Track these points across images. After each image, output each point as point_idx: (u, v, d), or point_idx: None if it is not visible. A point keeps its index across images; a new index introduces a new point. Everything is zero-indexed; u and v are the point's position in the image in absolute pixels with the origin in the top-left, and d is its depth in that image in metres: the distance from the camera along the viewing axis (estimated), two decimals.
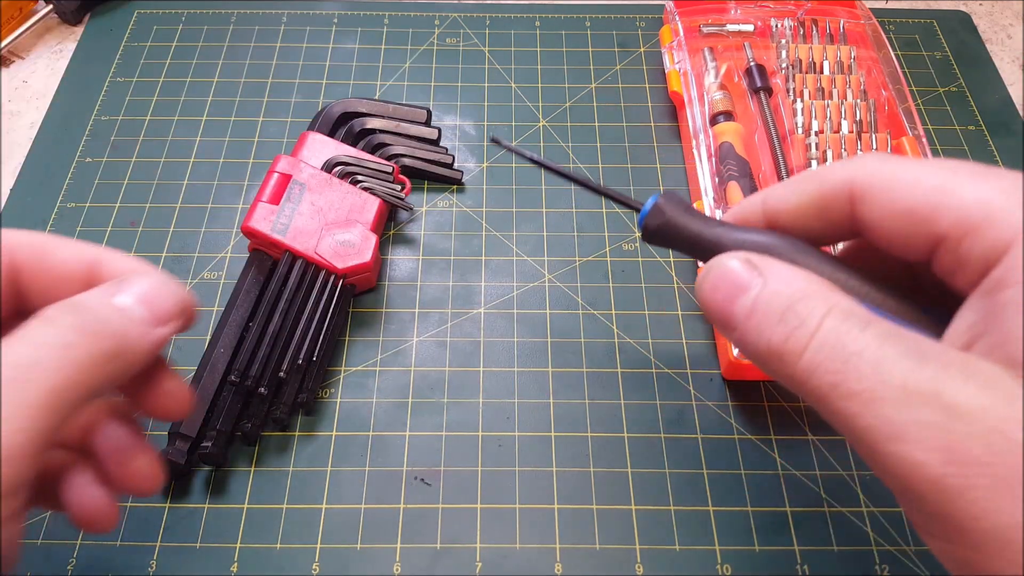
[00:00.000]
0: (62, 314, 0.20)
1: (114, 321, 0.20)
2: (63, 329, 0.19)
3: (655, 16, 0.54)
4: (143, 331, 0.21)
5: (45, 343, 0.19)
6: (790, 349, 0.19)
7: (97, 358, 0.19)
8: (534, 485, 0.35)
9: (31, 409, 0.18)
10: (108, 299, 0.21)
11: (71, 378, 0.19)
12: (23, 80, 0.51)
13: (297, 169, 0.41)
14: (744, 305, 0.21)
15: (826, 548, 0.34)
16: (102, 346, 0.20)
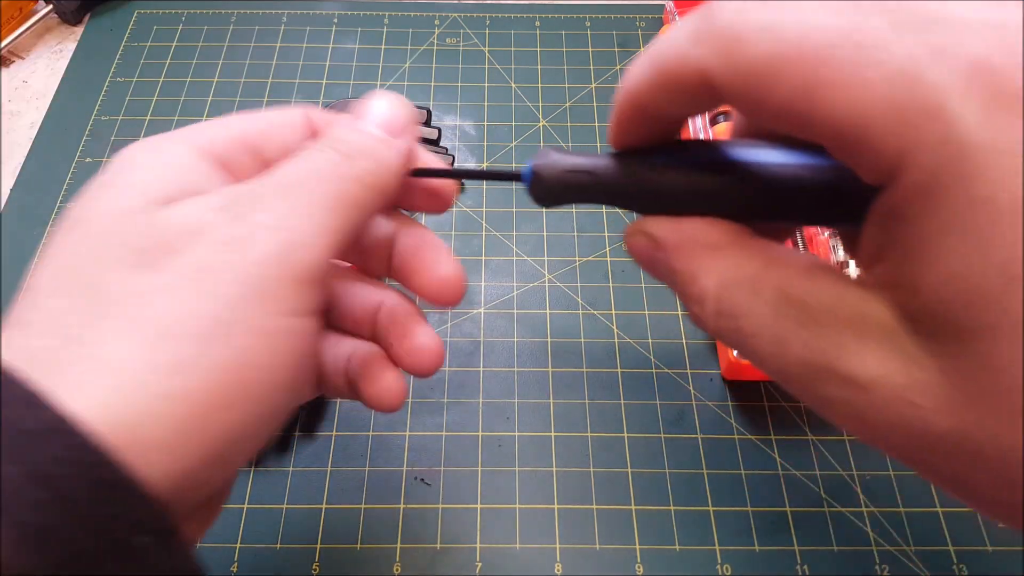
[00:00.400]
0: (323, 144, 0.21)
1: (365, 142, 0.22)
2: (327, 152, 0.21)
3: (655, 16, 0.54)
4: (386, 144, 0.23)
5: (316, 161, 0.21)
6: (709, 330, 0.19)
7: (362, 172, 0.21)
8: (534, 485, 0.35)
9: (317, 206, 0.20)
10: (353, 128, 0.22)
11: (347, 189, 0.21)
12: (23, 80, 0.51)
13: None
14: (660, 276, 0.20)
15: (826, 548, 0.34)
16: (363, 163, 0.21)
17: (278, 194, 0.20)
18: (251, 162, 0.23)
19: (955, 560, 0.33)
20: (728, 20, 0.16)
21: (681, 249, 0.19)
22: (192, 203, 0.19)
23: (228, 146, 0.22)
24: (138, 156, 0.21)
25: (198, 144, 0.21)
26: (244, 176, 0.22)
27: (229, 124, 0.23)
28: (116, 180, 0.20)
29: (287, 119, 0.24)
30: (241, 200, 0.19)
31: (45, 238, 0.43)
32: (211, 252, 0.18)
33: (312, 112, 0.25)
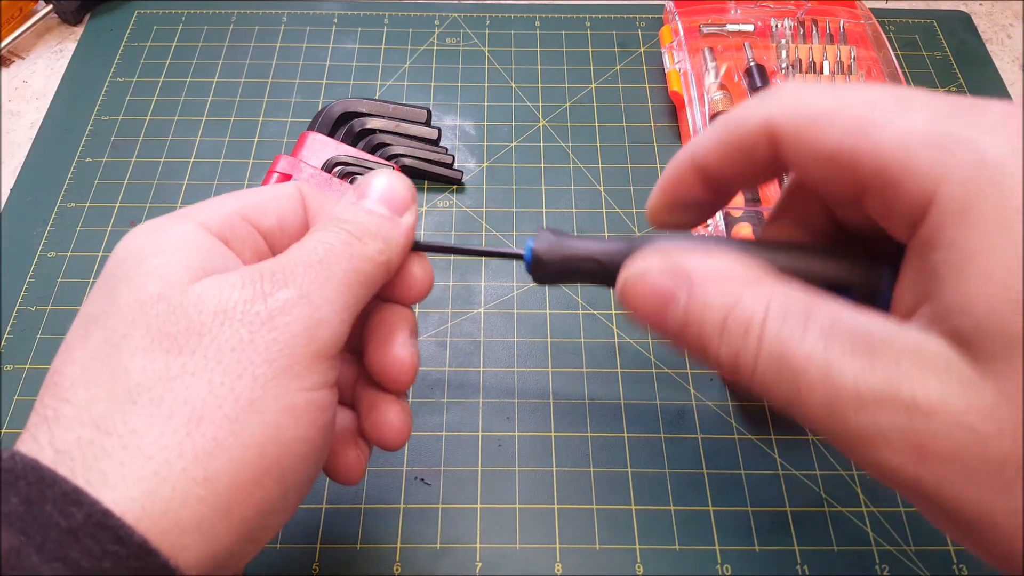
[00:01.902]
0: (331, 225, 0.22)
1: (371, 221, 0.23)
2: (340, 234, 0.22)
3: (655, 16, 0.54)
4: (392, 223, 0.24)
5: (330, 242, 0.22)
6: (741, 365, 0.18)
7: (373, 252, 0.22)
8: (534, 485, 0.35)
9: (335, 284, 0.21)
10: (360, 208, 0.23)
11: (360, 268, 0.22)
12: (23, 80, 0.51)
13: (297, 169, 0.41)
14: (675, 318, 0.19)
15: (826, 548, 0.34)
16: (373, 243, 0.23)
17: (300, 273, 0.21)
18: (250, 236, 0.23)
19: (955, 560, 0.33)
20: (792, 86, 0.20)
21: (720, 282, 0.19)
22: (215, 283, 0.20)
23: (228, 220, 0.23)
24: (146, 242, 0.21)
25: (201, 221, 0.22)
26: (246, 250, 0.23)
27: (225, 201, 0.24)
28: (131, 271, 0.20)
29: (281, 193, 0.25)
30: (265, 278, 0.20)
31: (45, 239, 0.43)
32: (240, 333, 0.19)
33: (303, 187, 0.26)
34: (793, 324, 0.17)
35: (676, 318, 0.19)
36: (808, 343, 0.17)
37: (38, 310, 0.40)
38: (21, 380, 0.38)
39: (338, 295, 0.21)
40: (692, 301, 0.19)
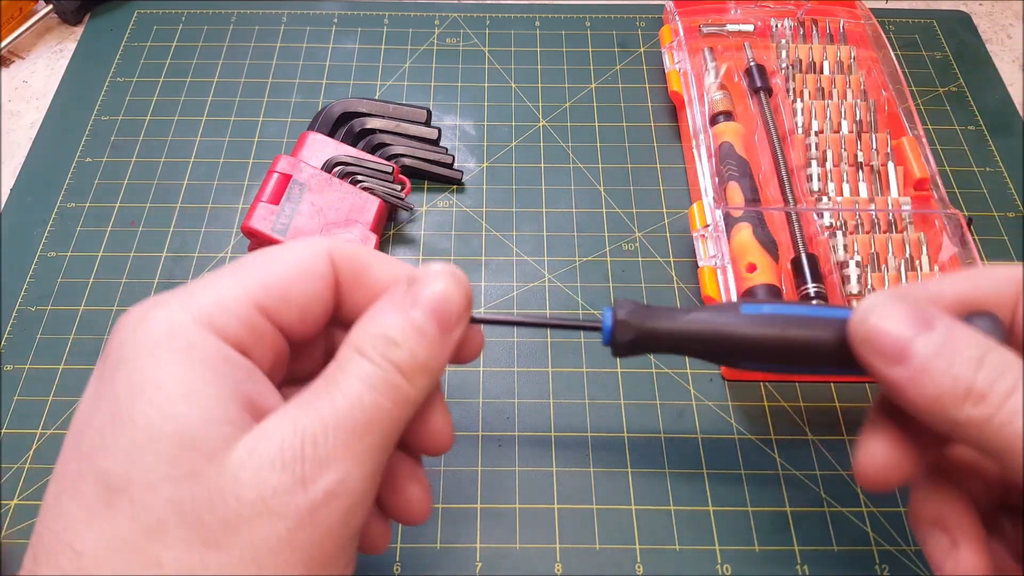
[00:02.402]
0: (378, 356, 0.21)
1: (422, 354, 0.21)
2: (387, 373, 0.20)
3: (655, 16, 0.54)
4: (441, 348, 0.22)
5: (376, 386, 0.20)
6: (997, 392, 0.19)
7: (419, 392, 0.21)
8: (534, 485, 0.35)
9: (376, 453, 0.20)
10: (409, 324, 0.21)
11: (400, 418, 0.21)
12: (23, 80, 0.51)
13: (297, 169, 0.41)
14: (929, 344, 0.20)
15: (826, 548, 0.33)
16: (419, 381, 0.21)
17: (341, 447, 0.19)
18: (270, 336, 0.22)
19: None
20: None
21: (971, 331, 0.21)
22: (253, 462, 0.18)
23: (247, 320, 0.21)
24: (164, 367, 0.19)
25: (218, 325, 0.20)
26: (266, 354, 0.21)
27: (243, 286, 0.21)
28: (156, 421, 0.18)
29: (307, 270, 0.22)
30: (302, 456, 0.19)
31: (45, 239, 0.43)
32: (279, 530, 0.18)
33: (335, 249, 0.23)
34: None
35: (927, 348, 0.20)
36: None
37: (38, 310, 0.40)
38: (21, 380, 0.38)
39: (376, 463, 0.20)
40: (952, 332, 0.20)
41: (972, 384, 0.19)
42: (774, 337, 0.24)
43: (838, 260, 0.39)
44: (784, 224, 0.40)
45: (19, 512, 0.34)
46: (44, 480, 0.35)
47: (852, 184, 0.42)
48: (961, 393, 0.19)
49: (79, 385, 0.38)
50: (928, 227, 0.40)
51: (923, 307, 0.21)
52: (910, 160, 0.42)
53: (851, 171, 0.42)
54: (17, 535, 0.34)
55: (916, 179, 0.41)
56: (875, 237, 0.39)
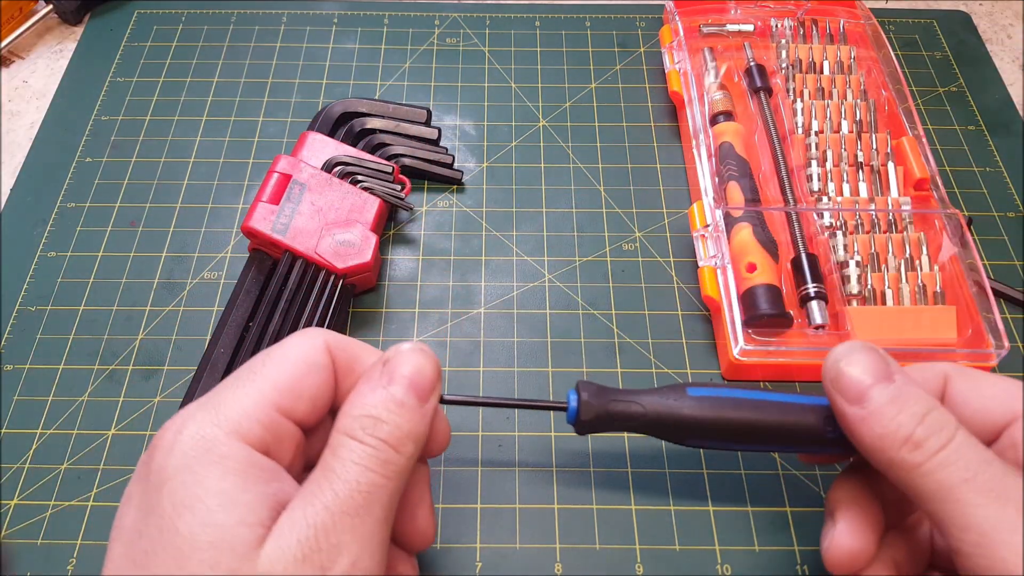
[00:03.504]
0: (367, 435, 0.23)
1: (405, 424, 0.24)
2: (377, 451, 0.23)
3: (655, 16, 0.54)
4: (421, 416, 0.24)
5: (369, 465, 0.23)
6: (930, 445, 0.23)
7: (408, 461, 0.24)
8: (534, 485, 0.35)
9: (380, 526, 0.22)
10: (390, 399, 0.24)
11: (395, 488, 0.23)
12: (23, 80, 0.51)
13: (297, 169, 0.41)
14: (884, 393, 0.24)
15: None
16: (406, 448, 0.23)
17: (348, 532, 0.21)
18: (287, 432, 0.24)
19: None
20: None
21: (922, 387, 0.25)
22: (280, 562, 0.21)
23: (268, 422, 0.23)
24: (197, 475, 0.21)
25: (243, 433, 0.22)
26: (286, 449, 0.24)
27: (260, 393, 0.24)
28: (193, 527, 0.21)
29: (311, 363, 0.25)
30: (317, 548, 0.21)
31: (45, 239, 0.43)
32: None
33: (330, 341, 0.26)
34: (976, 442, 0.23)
35: (885, 392, 0.24)
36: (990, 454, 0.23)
37: (38, 310, 0.40)
38: (21, 380, 0.38)
39: (380, 537, 0.22)
40: (905, 387, 0.24)
41: (912, 433, 0.23)
42: (714, 419, 0.28)
43: (838, 260, 0.39)
44: (784, 224, 0.40)
45: (19, 512, 0.34)
46: (44, 480, 0.35)
47: (852, 184, 0.42)
48: (901, 438, 0.23)
49: (79, 385, 0.38)
50: (928, 227, 0.40)
51: (888, 361, 0.25)
52: (910, 160, 0.42)
53: (851, 171, 0.42)
54: (17, 535, 0.34)
55: (916, 179, 0.41)
56: (875, 237, 0.39)
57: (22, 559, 0.33)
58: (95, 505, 0.34)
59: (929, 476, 0.22)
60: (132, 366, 0.38)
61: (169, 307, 0.40)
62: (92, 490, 0.35)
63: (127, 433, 0.36)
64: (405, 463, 0.23)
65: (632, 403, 0.28)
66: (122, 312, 0.40)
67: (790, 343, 0.37)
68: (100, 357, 0.39)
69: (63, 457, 0.36)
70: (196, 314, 0.40)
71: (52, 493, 0.35)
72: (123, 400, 0.37)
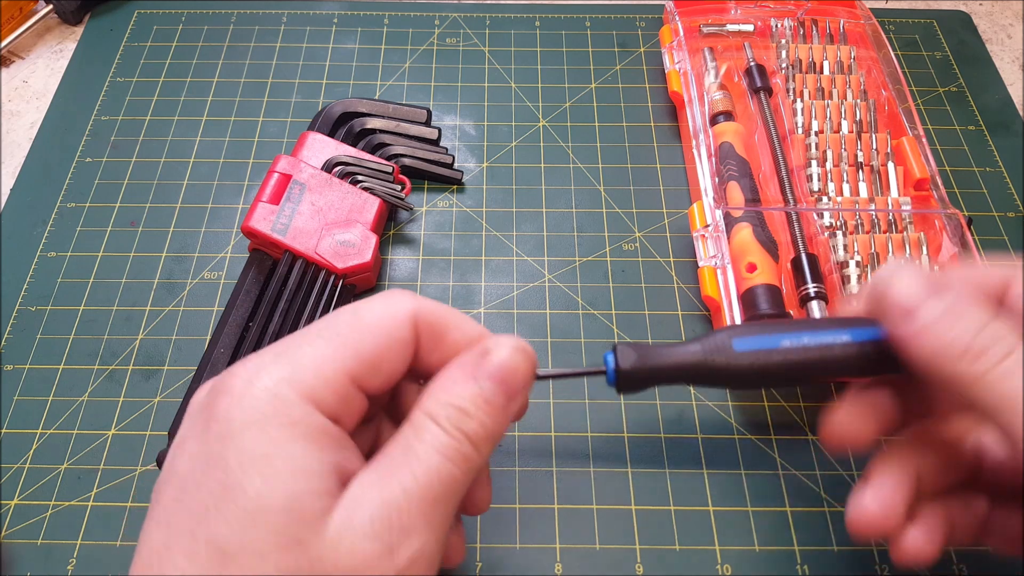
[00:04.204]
0: (453, 425, 0.22)
1: (491, 424, 0.23)
2: (460, 445, 0.22)
3: (655, 16, 0.54)
4: (506, 417, 0.24)
5: (451, 457, 0.22)
6: (992, 353, 0.21)
7: (482, 460, 0.23)
8: (534, 485, 0.35)
9: (449, 518, 0.22)
10: (480, 395, 0.23)
11: (467, 483, 0.23)
12: (23, 80, 0.51)
13: (297, 169, 0.41)
14: (937, 306, 0.23)
15: (826, 548, 0.34)
16: (485, 448, 0.23)
17: (421, 516, 0.21)
18: (358, 402, 0.23)
19: (955, 560, 0.33)
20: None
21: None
22: (349, 533, 0.20)
23: (341, 392, 0.22)
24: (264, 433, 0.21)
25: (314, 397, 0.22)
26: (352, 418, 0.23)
27: (338, 358, 0.22)
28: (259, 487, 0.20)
29: (396, 336, 0.24)
30: (389, 527, 0.20)
31: (45, 239, 0.43)
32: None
33: (419, 311, 0.24)
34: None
35: (934, 310, 0.23)
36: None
37: (38, 310, 0.40)
38: (21, 380, 0.38)
39: (447, 527, 0.22)
40: (959, 301, 0.23)
41: (970, 344, 0.22)
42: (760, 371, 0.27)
43: (838, 260, 0.39)
44: (784, 224, 0.40)
45: (19, 512, 0.34)
46: (44, 480, 0.35)
47: (852, 184, 0.42)
48: (960, 350, 0.22)
49: (79, 385, 0.38)
50: (928, 227, 0.40)
51: (939, 278, 0.23)
52: (910, 160, 0.42)
53: (851, 171, 0.42)
54: (17, 535, 0.34)
55: (916, 179, 0.41)
56: (875, 237, 0.39)
57: (22, 559, 0.33)
58: (95, 505, 0.34)
59: (993, 387, 0.21)
60: (132, 366, 0.38)
61: (169, 307, 0.40)
62: (92, 490, 0.35)
63: (127, 433, 0.36)
64: (481, 462, 0.23)
65: (671, 355, 0.27)
66: (122, 312, 0.40)
67: None
68: (100, 357, 0.39)
69: (63, 457, 0.36)
70: (196, 314, 0.40)
71: (52, 493, 0.35)
72: (123, 400, 0.37)
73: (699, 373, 0.27)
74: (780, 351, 0.26)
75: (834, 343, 0.26)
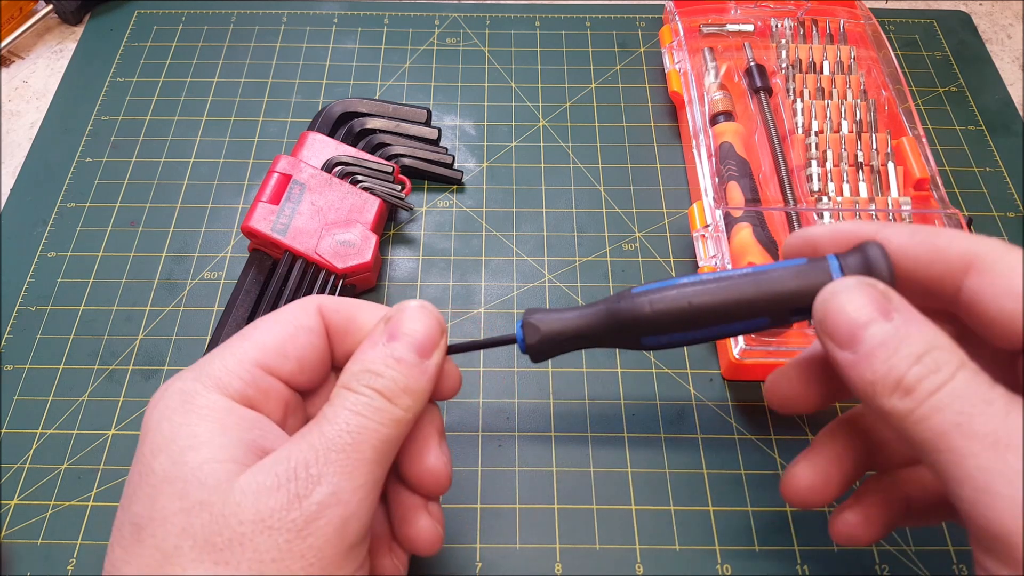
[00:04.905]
0: (362, 384, 0.23)
1: (401, 376, 0.24)
2: (370, 399, 0.23)
3: (655, 16, 0.54)
4: (421, 371, 0.24)
5: (362, 414, 0.23)
6: (923, 388, 0.20)
7: (403, 413, 0.24)
8: (534, 485, 0.35)
9: (366, 465, 0.22)
10: (388, 354, 0.24)
11: (390, 435, 0.23)
12: (23, 80, 0.51)
13: (297, 169, 0.41)
14: (877, 333, 0.21)
15: (826, 548, 0.33)
16: (405, 401, 0.24)
17: (331, 464, 0.22)
18: (273, 387, 0.24)
19: (955, 560, 0.33)
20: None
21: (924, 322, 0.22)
22: (252, 487, 0.21)
23: (250, 378, 0.24)
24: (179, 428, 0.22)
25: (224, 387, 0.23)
26: (271, 403, 0.24)
27: (243, 352, 0.24)
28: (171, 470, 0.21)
29: (298, 325, 0.25)
30: (299, 476, 0.21)
31: (45, 239, 0.43)
32: (279, 542, 0.21)
33: (323, 303, 0.26)
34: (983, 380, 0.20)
35: (877, 334, 0.21)
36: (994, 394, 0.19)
37: (38, 310, 0.40)
38: (21, 380, 0.38)
39: (368, 477, 0.22)
40: (901, 327, 0.21)
41: (903, 377, 0.20)
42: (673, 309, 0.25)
43: None
44: (784, 224, 0.40)
45: (19, 512, 0.34)
46: (44, 480, 0.35)
47: (852, 184, 0.42)
48: (892, 383, 0.20)
49: (79, 385, 0.38)
50: None
51: (890, 297, 0.22)
52: (910, 160, 0.42)
53: (851, 171, 0.42)
54: (17, 535, 0.34)
55: (916, 179, 0.41)
56: None
57: (22, 559, 0.33)
58: (95, 505, 0.34)
59: (921, 423, 0.20)
60: (132, 366, 0.38)
61: (169, 307, 0.40)
62: (92, 490, 0.35)
63: (127, 433, 0.36)
64: (401, 414, 0.23)
65: (578, 318, 0.27)
66: (122, 312, 0.40)
67: (790, 343, 0.36)
68: (100, 357, 0.39)
69: (63, 457, 0.36)
70: (196, 314, 0.40)
71: (52, 493, 0.35)
72: (123, 400, 0.37)
73: (606, 325, 0.26)
74: (676, 286, 0.25)
75: (731, 275, 0.25)
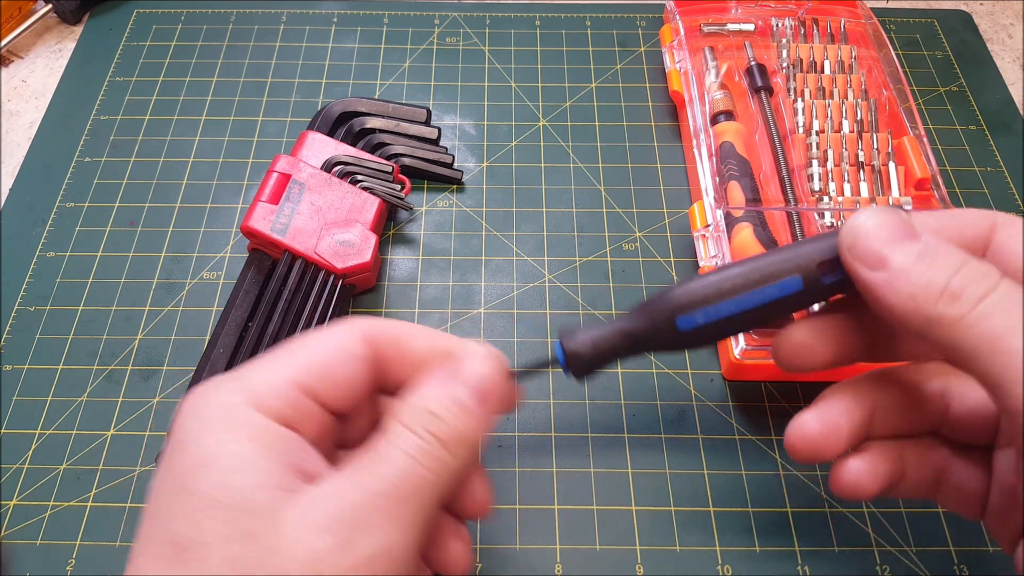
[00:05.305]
0: (421, 430, 0.23)
1: (462, 426, 0.23)
2: (430, 446, 0.22)
3: (655, 16, 0.54)
4: (479, 422, 0.24)
5: (416, 456, 0.22)
6: (971, 293, 0.20)
7: (459, 465, 0.23)
8: (534, 485, 0.35)
9: (419, 521, 0.22)
10: (451, 399, 0.23)
11: (442, 488, 0.23)
12: (22, 80, 0.51)
13: (297, 169, 0.41)
14: (911, 250, 0.22)
15: (826, 548, 0.33)
16: (459, 453, 0.23)
17: (384, 515, 0.21)
18: (313, 413, 0.24)
19: (955, 560, 0.33)
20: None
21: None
22: (303, 524, 0.20)
23: (290, 399, 0.23)
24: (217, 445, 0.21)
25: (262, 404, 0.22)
26: (310, 428, 0.23)
27: (285, 370, 0.23)
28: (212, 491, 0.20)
29: (345, 352, 0.24)
30: (347, 522, 0.20)
31: (44, 239, 0.43)
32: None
33: (370, 329, 0.25)
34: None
35: (912, 250, 0.22)
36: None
37: (38, 310, 0.40)
38: (20, 380, 0.38)
39: (420, 529, 0.22)
40: (933, 243, 0.22)
41: (947, 285, 0.21)
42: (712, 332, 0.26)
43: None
44: (785, 224, 0.40)
45: (18, 512, 0.34)
46: (44, 480, 0.35)
47: (853, 184, 0.42)
48: (936, 291, 0.21)
49: (78, 385, 0.38)
50: None
51: (913, 222, 0.23)
52: (911, 160, 0.42)
53: (852, 171, 0.42)
54: (16, 535, 0.34)
55: (917, 179, 0.41)
56: None
57: (22, 559, 0.33)
58: (94, 505, 0.34)
59: (972, 329, 0.20)
60: (131, 366, 0.38)
61: (168, 307, 0.40)
62: (91, 490, 0.35)
63: (126, 433, 0.36)
64: (456, 465, 0.23)
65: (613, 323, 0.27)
66: (121, 312, 0.40)
67: None
68: (99, 357, 0.39)
69: (62, 457, 0.36)
70: (195, 314, 0.40)
71: (51, 493, 0.35)
72: (122, 400, 0.37)
73: (640, 318, 0.26)
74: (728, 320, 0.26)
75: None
